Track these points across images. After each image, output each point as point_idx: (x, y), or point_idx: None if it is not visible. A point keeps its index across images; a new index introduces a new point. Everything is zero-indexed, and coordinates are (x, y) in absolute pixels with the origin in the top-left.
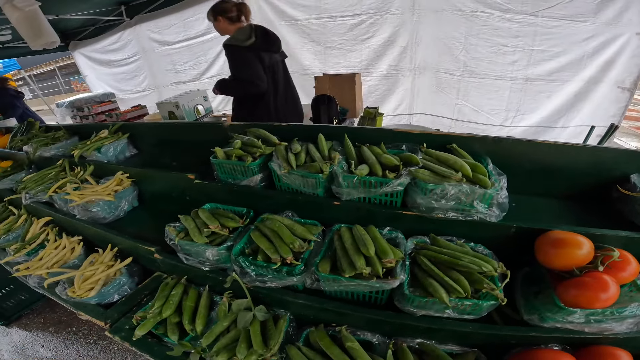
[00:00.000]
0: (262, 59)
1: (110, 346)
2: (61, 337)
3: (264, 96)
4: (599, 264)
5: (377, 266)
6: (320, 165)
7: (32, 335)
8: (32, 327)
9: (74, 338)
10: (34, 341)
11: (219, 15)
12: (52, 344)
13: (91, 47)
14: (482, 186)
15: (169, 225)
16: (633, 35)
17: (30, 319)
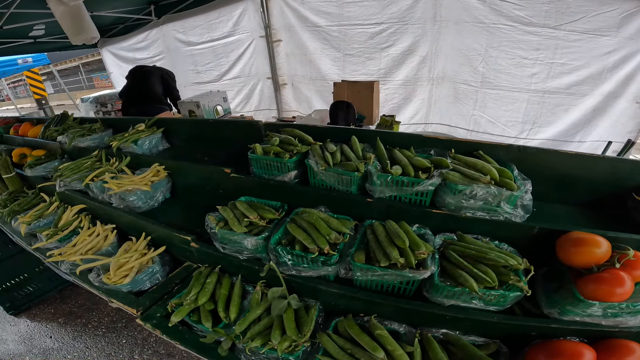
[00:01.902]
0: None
1: (118, 339)
2: (70, 328)
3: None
4: (615, 261)
5: (410, 257)
6: (356, 164)
7: (40, 325)
8: (41, 318)
9: (82, 330)
10: (42, 332)
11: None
12: (59, 335)
13: (119, 44)
14: (508, 189)
15: (209, 215)
16: None
17: (40, 310)
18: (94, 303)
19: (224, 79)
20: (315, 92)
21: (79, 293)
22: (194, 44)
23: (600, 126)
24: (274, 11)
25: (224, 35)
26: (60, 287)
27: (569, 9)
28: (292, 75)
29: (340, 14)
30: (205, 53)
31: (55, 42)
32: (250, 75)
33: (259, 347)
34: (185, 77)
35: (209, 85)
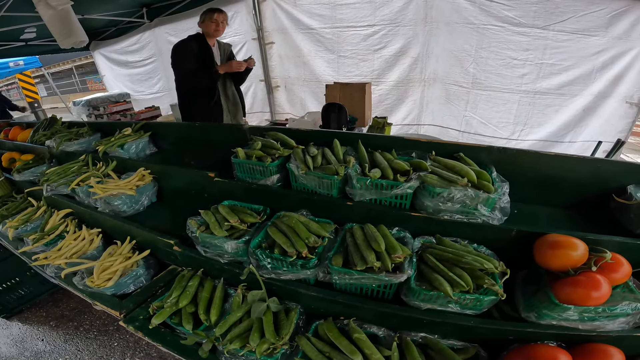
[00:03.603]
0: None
1: (110, 342)
2: (61, 331)
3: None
4: (592, 264)
5: (386, 261)
6: (336, 168)
7: (32, 328)
8: (33, 321)
9: (74, 333)
10: (34, 335)
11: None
12: (51, 338)
13: (111, 47)
14: (486, 191)
15: (191, 219)
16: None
17: (32, 313)
18: (85, 306)
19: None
20: (309, 94)
21: (70, 296)
22: None
23: (590, 126)
24: (267, 14)
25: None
26: (51, 290)
27: (557, 9)
28: (285, 78)
29: (333, 16)
30: None
31: (47, 45)
32: None
33: (238, 349)
34: None
35: None
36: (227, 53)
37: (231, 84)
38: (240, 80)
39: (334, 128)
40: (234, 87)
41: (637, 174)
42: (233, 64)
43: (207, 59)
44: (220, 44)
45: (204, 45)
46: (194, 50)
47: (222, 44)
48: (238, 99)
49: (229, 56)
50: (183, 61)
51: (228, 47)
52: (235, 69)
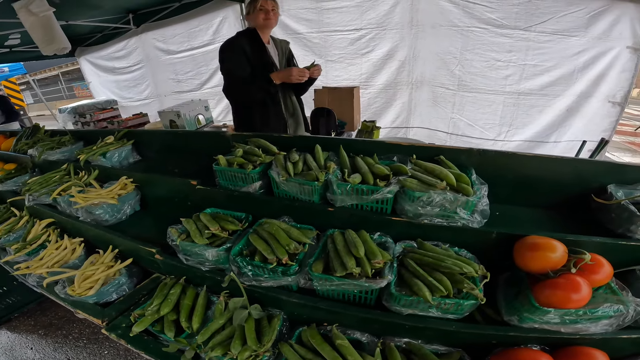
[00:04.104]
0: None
1: (100, 350)
2: (50, 340)
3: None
4: (571, 266)
5: (366, 267)
6: (316, 174)
7: (20, 337)
8: (21, 330)
9: (63, 341)
10: (23, 343)
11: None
12: (40, 346)
13: (97, 53)
14: (465, 194)
15: (171, 227)
16: (623, 49)
17: (21, 322)
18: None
19: (204, 88)
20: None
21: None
22: (173, 52)
23: (574, 126)
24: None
25: (204, 44)
26: (39, 299)
27: (537, 10)
28: None
29: (320, 20)
30: (186, 61)
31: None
32: None
33: (220, 356)
34: (166, 86)
35: (190, 95)
36: (285, 52)
37: (292, 93)
38: (300, 90)
39: (323, 133)
40: (294, 97)
41: (617, 173)
42: (293, 74)
43: (263, 60)
44: (276, 41)
45: (257, 42)
46: (246, 50)
47: (278, 41)
48: (300, 112)
49: (288, 57)
50: (230, 66)
51: (286, 45)
52: (295, 80)
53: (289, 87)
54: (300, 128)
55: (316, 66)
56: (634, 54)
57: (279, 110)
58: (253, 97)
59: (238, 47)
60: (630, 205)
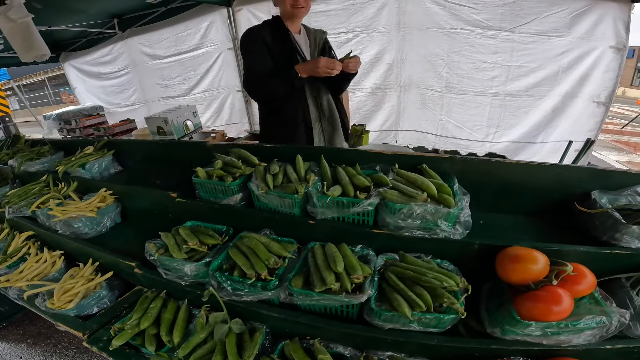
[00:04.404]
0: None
1: (90, 359)
2: (40, 349)
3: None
4: (553, 278)
5: (345, 282)
6: (295, 186)
7: (9, 347)
8: (10, 339)
9: (53, 351)
10: (12, 352)
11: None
12: (30, 355)
13: (82, 59)
14: (446, 205)
15: (149, 242)
16: (606, 49)
17: (9, 331)
18: None
19: (193, 93)
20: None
21: None
22: (160, 57)
23: (560, 127)
24: (242, 23)
25: (191, 48)
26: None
27: (521, 11)
28: None
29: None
30: (173, 66)
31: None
32: (219, 88)
33: None
34: (153, 91)
35: (178, 100)
36: (319, 44)
37: (326, 91)
38: (337, 87)
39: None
40: (330, 95)
41: (601, 179)
42: (320, 65)
43: (287, 51)
44: (309, 30)
45: (282, 32)
46: (267, 40)
47: (312, 30)
48: (337, 113)
49: (323, 48)
50: (250, 59)
51: (321, 35)
52: (324, 73)
53: (323, 84)
54: (337, 135)
55: (353, 57)
56: (617, 54)
57: (304, 110)
58: (274, 92)
59: (257, 38)
60: (614, 212)
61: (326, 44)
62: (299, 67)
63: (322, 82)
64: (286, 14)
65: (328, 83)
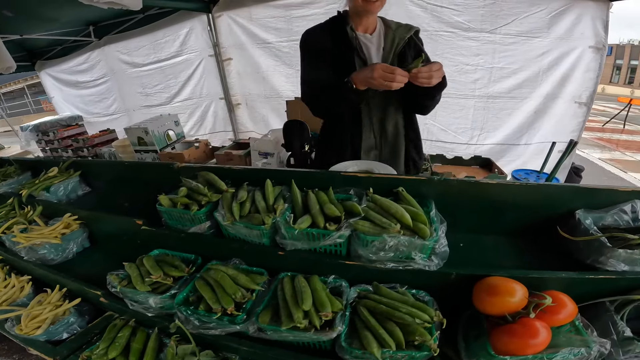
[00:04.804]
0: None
1: None
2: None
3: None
4: (530, 310)
5: (314, 319)
6: (262, 217)
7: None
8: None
9: None
10: None
11: None
12: None
13: (58, 67)
14: (421, 236)
15: (110, 274)
16: (586, 49)
17: None
18: None
19: (174, 102)
20: (271, 111)
21: None
22: (139, 65)
23: (543, 128)
24: (222, 29)
25: (171, 56)
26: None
27: (501, 12)
28: (245, 95)
29: (289, 29)
30: (153, 74)
31: None
32: (202, 96)
33: None
34: (134, 100)
35: (160, 109)
36: (397, 45)
37: (398, 111)
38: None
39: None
40: (402, 117)
41: (585, 197)
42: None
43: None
44: (389, 28)
45: (343, 33)
46: (326, 43)
47: (394, 28)
48: (402, 140)
49: (402, 52)
50: (302, 65)
51: (404, 33)
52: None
53: (395, 98)
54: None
55: (426, 66)
56: (596, 54)
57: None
58: (330, 108)
59: (314, 41)
60: (599, 233)
61: (408, 45)
62: (356, 75)
63: (398, 96)
64: (356, 9)
65: (406, 98)
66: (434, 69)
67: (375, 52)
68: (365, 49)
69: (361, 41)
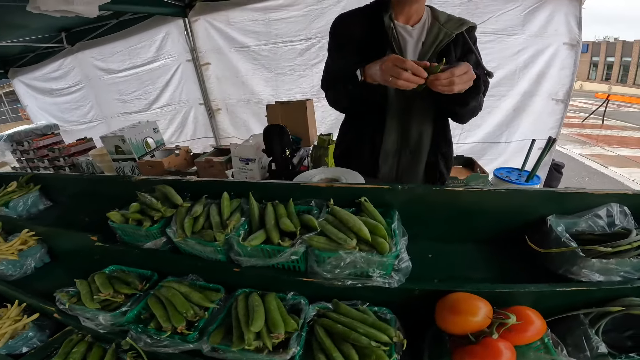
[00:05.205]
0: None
1: None
2: None
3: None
4: (494, 330)
5: (265, 340)
6: (214, 233)
7: None
8: None
9: None
10: None
11: None
12: None
13: (31, 74)
14: (380, 251)
15: (59, 291)
16: (560, 46)
17: None
18: None
19: (153, 108)
20: (251, 115)
21: None
22: (115, 71)
23: (522, 125)
24: (199, 33)
25: (147, 61)
26: None
27: (477, 10)
28: (225, 100)
29: (268, 32)
30: (130, 80)
31: None
32: (181, 102)
33: None
34: (111, 107)
35: (139, 116)
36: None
37: (425, 114)
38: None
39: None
40: (430, 122)
41: (557, 201)
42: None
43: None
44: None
45: (379, 22)
46: (356, 32)
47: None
48: (426, 147)
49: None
50: (329, 54)
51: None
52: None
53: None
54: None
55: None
56: (571, 50)
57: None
58: (337, 103)
59: (343, 28)
60: (571, 241)
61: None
62: (369, 66)
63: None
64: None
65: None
66: (456, 73)
67: (413, 47)
68: (403, 42)
69: (399, 32)
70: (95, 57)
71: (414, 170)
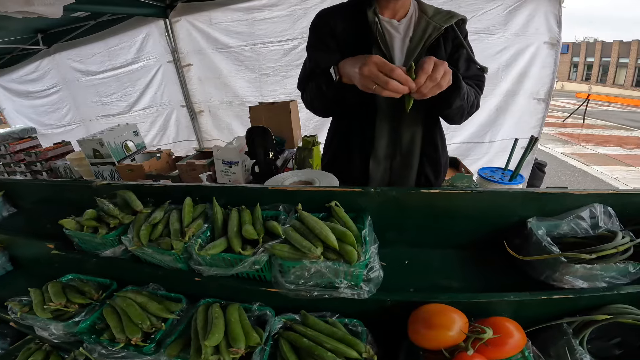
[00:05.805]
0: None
1: None
2: None
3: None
4: (469, 346)
5: (225, 355)
6: (171, 241)
7: None
8: None
9: None
10: None
11: None
12: None
13: (8, 76)
14: (348, 260)
15: (11, 300)
16: (541, 45)
17: None
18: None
19: (134, 110)
20: (234, 118)
21: None
22: (93, 73)
23: (505, 125)
24: (181, 34)
25: (127, 63)
26: None
27: (460, 9)
28: (208, 102)
29: (251, 32)
30: (109, 82)
31: None
32: (162, 104)
33: None
34: (90, 110)
35: (119, 118)
36: (428, 38)
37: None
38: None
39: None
40: (420, 124)
41: (537, 203)
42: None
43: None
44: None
45: (362, 17)
46: (337, 28)
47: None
48: (417, 151)
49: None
50: (307, 52)
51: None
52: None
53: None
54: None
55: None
56: (551, 49)
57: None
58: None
59: (323, 25)
60: (552, 246)
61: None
62: (344, 64)
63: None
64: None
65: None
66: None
67: (400, 43)
68: (389, 38)
69: (384, 27)
70: (73, 59)
71: (406, 175)
